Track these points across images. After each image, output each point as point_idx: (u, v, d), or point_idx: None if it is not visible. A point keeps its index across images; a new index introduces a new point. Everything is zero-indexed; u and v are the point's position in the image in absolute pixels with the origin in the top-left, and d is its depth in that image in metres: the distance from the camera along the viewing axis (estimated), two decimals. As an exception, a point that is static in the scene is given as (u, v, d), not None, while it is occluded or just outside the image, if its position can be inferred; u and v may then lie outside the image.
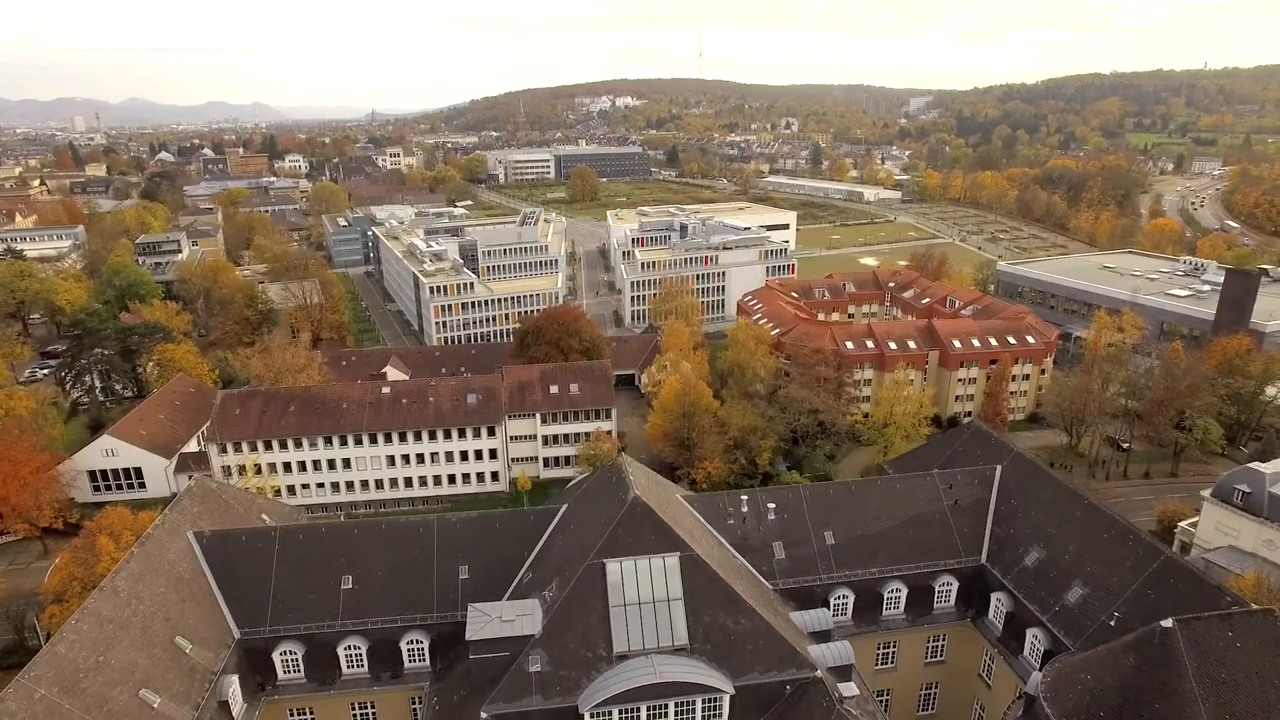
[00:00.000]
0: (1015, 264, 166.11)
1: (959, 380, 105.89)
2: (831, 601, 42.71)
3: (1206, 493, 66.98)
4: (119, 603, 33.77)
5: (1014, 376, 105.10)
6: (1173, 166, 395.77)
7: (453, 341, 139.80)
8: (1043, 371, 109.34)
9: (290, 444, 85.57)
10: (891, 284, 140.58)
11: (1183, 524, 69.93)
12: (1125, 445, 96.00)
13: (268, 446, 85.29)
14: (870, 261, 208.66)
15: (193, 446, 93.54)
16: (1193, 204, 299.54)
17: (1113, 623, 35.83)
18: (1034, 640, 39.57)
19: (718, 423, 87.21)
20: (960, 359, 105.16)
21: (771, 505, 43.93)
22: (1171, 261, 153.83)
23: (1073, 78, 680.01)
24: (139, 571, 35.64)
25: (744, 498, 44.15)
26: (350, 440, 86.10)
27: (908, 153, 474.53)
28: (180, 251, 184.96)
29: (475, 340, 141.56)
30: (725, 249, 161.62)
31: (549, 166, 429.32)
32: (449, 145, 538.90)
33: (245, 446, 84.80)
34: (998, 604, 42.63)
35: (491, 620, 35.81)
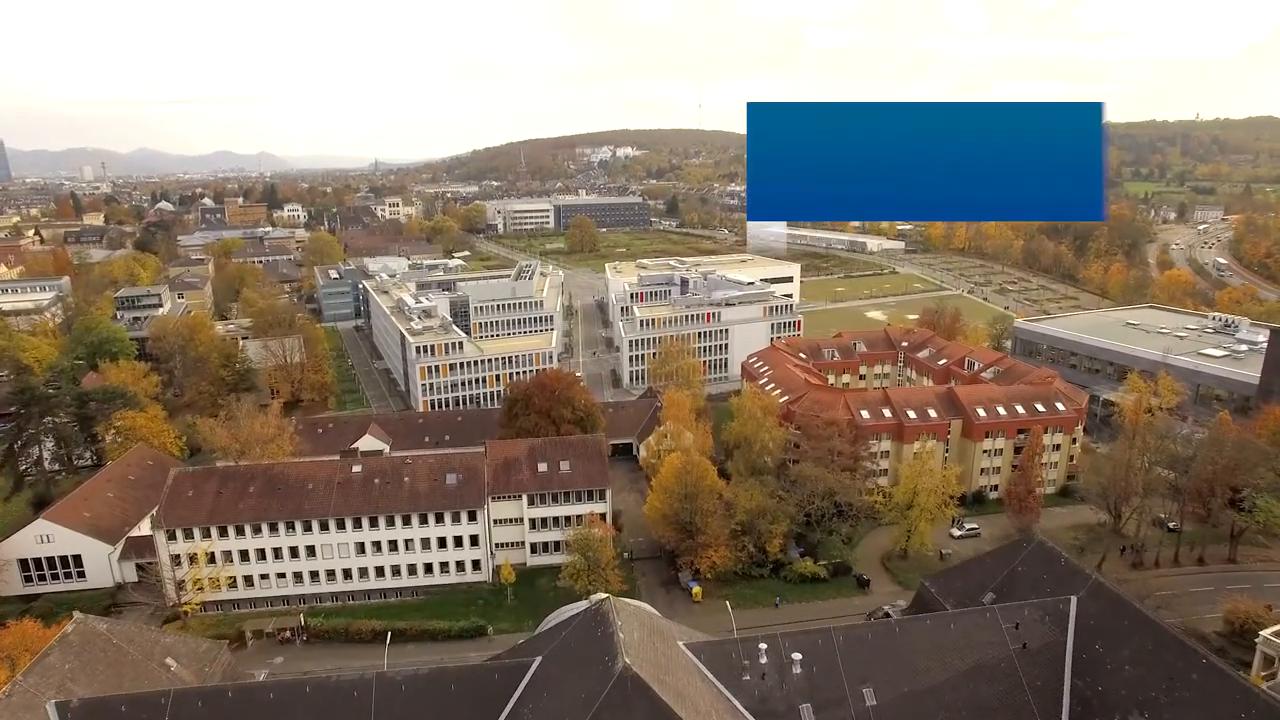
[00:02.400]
0: (1034, 320, 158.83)
1: (984, 452, 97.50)
2: (876, 783, 33.66)
3: (1292, 600, 57.91)
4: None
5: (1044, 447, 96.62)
6: (1175, 215, 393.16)
7: (440, 405, 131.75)
8: (1074, 440, 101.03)
9: (248, 530, 76.75)
10: (905, 343, 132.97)
11: (1265, 634, 60.39)
12: (1173, 526, 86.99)
13: (222, 533, 76.41)
14: (878, 315, 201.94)
15: (146, 528, 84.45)
16: (1202, 248, 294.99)
17: None
18: None
19: (723, 504, 78.77)
20: (985, 429, 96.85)
21: (797, 656, 35.23)
22: (1199, 318, 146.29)
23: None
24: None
25: (763, 645, 35.49)
26: (315, 526, 77.28)
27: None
28: (161, 305, 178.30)
29: (465, 402, 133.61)
30: (728, 305, 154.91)
31: (548, 216, 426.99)
32: (449, 195, 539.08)
33: (197, 533, 75.91)
34: (1089, 788, 33.57)
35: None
